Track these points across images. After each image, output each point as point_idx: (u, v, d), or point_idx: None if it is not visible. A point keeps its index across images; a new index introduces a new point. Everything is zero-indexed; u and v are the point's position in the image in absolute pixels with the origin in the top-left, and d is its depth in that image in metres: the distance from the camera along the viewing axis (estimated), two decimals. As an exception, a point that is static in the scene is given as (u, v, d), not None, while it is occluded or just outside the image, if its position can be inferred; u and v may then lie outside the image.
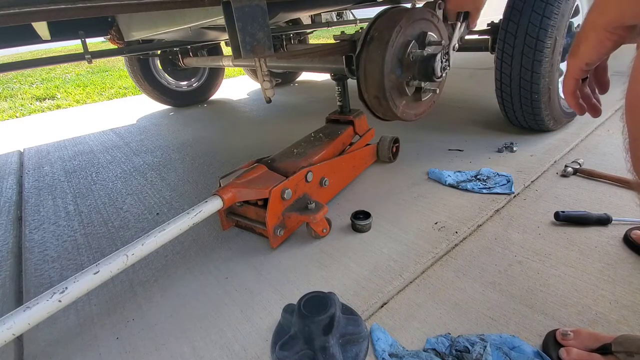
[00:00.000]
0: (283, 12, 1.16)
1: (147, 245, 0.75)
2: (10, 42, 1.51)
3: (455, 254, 0.88)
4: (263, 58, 0.87)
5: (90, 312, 0.83)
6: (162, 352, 0.70)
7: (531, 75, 1.26)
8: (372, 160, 1.39)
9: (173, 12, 1.12)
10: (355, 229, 1.00)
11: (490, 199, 1.07)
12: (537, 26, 1.19)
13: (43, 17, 0.66)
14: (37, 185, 1.61)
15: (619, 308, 0.68)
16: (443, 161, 1.36)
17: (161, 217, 1.21)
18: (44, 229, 1.22)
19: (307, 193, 1.04)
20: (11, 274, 1.00)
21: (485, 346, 0.61)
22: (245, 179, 0.97)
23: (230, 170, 1.04)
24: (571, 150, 1.32)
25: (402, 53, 1.02)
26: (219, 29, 1.73)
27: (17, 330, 0.60)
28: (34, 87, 4.97)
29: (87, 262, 1.01)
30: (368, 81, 1.04)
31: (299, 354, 0.62)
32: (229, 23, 0.79)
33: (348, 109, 1.34)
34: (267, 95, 0.94)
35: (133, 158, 1.82)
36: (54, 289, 0.65)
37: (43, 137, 2.44)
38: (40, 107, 3.79)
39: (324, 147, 1.16)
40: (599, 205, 0.98)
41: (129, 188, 1.47)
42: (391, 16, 1.02)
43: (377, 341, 0.65)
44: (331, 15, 3.01)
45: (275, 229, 0.95)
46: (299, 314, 0.65)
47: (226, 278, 0.88)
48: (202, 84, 2.91)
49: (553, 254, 0.84)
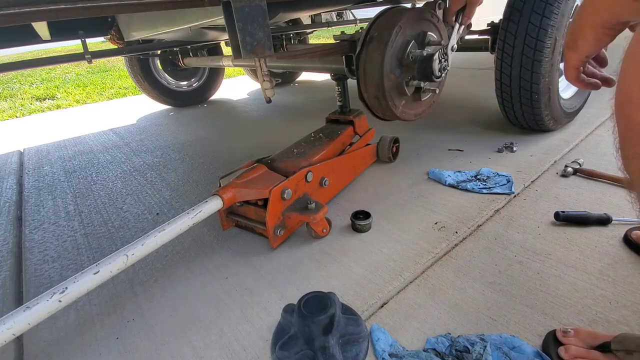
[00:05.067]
0: (283, 12, 1.16)
1: (147, 245, 0.75)
2: (10, 42, 1.51)
3: (455, 254, 0.88)
4: (263, 58, 0.87)
5: (90, 312, 0.83)
6: (162, 352, 0.70)
7: (531, 75, 1.26)
8: (372, 160, 1.39)
9: (173, 12, 1.12)
10: (355, 229, 1.00)
11: (490, 199, 1.07)
12: (537, 26, 1.20)
13: (43, 17, 0.66)
14: (37, 185, 1.61)
15: (619, 308, 0.68)
16: (443, 161, 1.36)
17: (161, 217, 1.21)
18: (44, 229, 1.22)
19: (307, 193, 1.04)
20: (11, 274, 1.00)
21: (485, 346, 0.61)
22: (245, 179, 0.97)
23: (230, 170, 1.04)
24: (571, 150, 1.31)
25: (402, 53, 1.02)
26: (219, 29, 1.73)
27: (17, 330, 0.60)
28: (34, 87, 4.97)
29: (87, 262, 1.01)
30: (368, 81, 1.04)
31: (299, 354, 0.62)
32: (229, 23, 0.79)
33: (348, 109, 1.34)
34: (267, 95, 0.94)
35: (133, 158, 1.82)
36: (54, 289, 0.65)
37: (43, 137, 2.44)
38: (40, 107, 3.79)
39: (324, 147, 1.16)
40: (599, 205, 0.98)
41: (129, 188, 1.47)
42: (391, 16, 1.02)
43: (377, 341, 0.65)
44: (331, 15, 3.01)
45: (275, 229, 0.95)
46: (299, 314, 0.65)
47: (226, 278, 0.88)
48: (202, 84, 2.91)
49: (553, 254, 0.84)
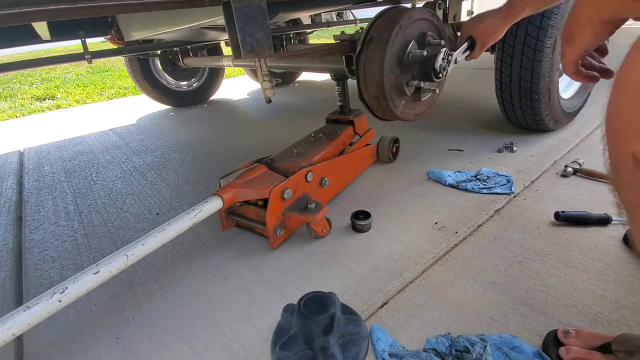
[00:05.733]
0: (283, 12, 1.16)
1: (147, 245, 0.75)
2: (10, 42, 1.51)
3: (455, 254, 0.88)
4: (263, 58, 0.87)
5: (90, 312, 0.83)
6: (162, 352, 0.70)
7: (531, 75, 1.26)
8: (372, 160, 1.39)
9: (173, 12, 1.12)
10: (355, 229, 1.00)
11: (490, 199, 1.07)
12: (537, 26, 1.20)
13: (43, 17, 0.66)
14: (37, 185, 1.60)
15: (619, 308, 0.68)
16: (443, 161, 1.36)
17: (161, 217, 1.21)
18: (44, 229, 1.22)
19: (307, 193, 1.04)
20: (11, 274, 1.00)
21: (485, 346, 0.61)
22: (245, 179, 0.97)
23: (230, 170, 1.04)
24: (571, 150, 1.32)
25: (402, 53, 1.02)
26: (219, 29, 1.73)
27: (17, 330, 0.60)
28: (34, 87, 4.97)
29: (87, 262, 1.01)
30: (368, 81, 1.04)
31: (299, 354, 0.62)
32: (229, 23, 0.79)
33: (348, 109, 1.34)
34: (267, 95, 0.94)
35: (133, 158, 1.82)
36: (54, 289, 0.65)
37: (43, 137, 2.44)
38: (40, 107, 3.79)
39: (324, 147, 1.16)
40: (599, 205, 0.98)
41: (129, 188, 1.47)
42: (391, 16, 1.01)
43: (377, 341, 0.65)
44: (331, 15, 3.01)
45: (275, 229, 0.95)
46: (299, 314, 0.65)
47: (226, 278, 0.88)
48: (202, 84, 2.91)
49: (553, 254, 0.84)
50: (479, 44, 1.01)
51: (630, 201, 0.41)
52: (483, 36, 0.99)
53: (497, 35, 0.99)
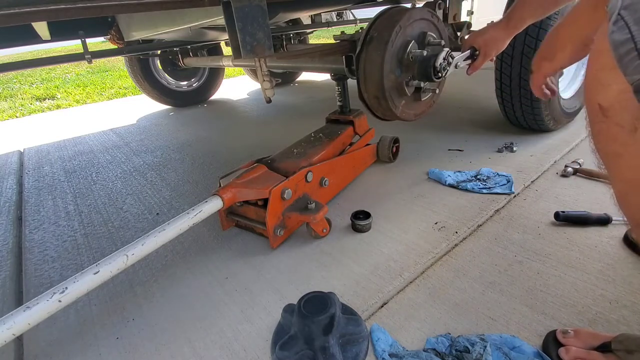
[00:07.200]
0: (283, 12, 1.16)
1: (147, 245, 0.75)
2: (10, 42, 1.51)
3: (455, 254, 0.88)
4: (263, 58, 0.87)
5: (90, 312, 0.83)
6: (162, 352, 0.70)
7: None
8: (372, 160, 1.39)
9: (173, 12, 1.12)
10: (355, 229, 1.00)
11: (490, 199, 1.07)
12: (537, 26, 1.19)
13: (43, 17, 0.66)
14: (37, 185, 1.60)
15: (618, 308, 0.68)
16: (443, 161, 1.36)
17: (161, 217, 1.21)
18: (44, 229, 1.22)
19: (307, 193, 1.04)
20: (11, 274, 1.00)
21: (485, 346, 0.61)
22: (245, 179, 0.97)
23: (230, 170, 1.04)
24: (571, 150, 1.32)
25: (402, 53, 1.02)
26: (219, 29, 1.73)
27: (17, 330, 0.60)
28: (34, 87, 4.97)
29: (87, 262, 1.01)
30: (367, 81, 1.04)
31: (299, 354, 0.62)
32: (229, 23, 0.79)
33: (348, 109, 1.34)
34: (267, 95, 0.94)
35: (133, 158, 1.82)
36: (54, 289, 0.65)
37: (43, 137, 2.44)
38: (40, 107, 3.79)
39: (324, 147, 1.16)
40: (599, 205, 0.98)
41: (129, 188, 1.47)
42: (391, 16, 1.02)
43: (377, 341, 0.65)
44: (331, 15, 3.01)
45: (275, 229, 0.95)
46: (299, 314, 0.65)
47: (226, 278, 0.88)
48: (202, 84, 2.91)
49: (553, 254, 0.84)
50: (482, 54, 1.02)
51: (603, 150, 0.46)
52: (486, 46, 1.01)
53: (500, 46, 1.01)
